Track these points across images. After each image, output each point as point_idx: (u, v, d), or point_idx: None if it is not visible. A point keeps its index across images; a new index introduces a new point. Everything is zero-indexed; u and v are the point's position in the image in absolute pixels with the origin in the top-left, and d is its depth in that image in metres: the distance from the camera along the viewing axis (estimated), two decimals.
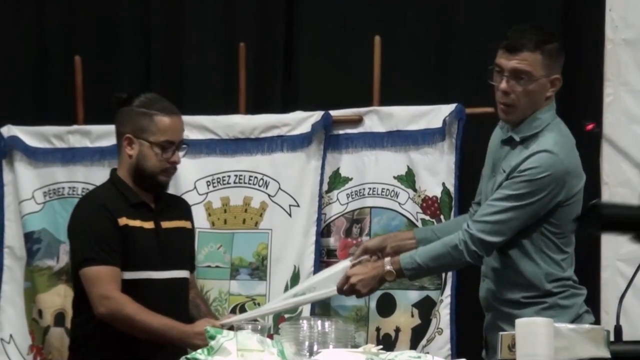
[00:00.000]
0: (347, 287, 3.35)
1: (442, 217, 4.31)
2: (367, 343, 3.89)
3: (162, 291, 3.54)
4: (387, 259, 3.35)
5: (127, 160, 3.59)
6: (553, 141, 3.30)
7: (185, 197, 4.58)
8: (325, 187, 4.52)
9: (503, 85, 3.32)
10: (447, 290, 4.28)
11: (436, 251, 3.33)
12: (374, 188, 4.47)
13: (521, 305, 3.31)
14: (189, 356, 2.93)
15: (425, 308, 4.33)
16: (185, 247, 3.69)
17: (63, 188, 4.77)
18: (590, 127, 3.27)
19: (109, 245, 3.49)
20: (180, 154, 3.64)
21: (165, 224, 3.62)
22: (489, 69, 3.38)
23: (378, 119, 4.48)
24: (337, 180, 4.53)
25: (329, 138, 4.50)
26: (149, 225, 3.57)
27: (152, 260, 3.55)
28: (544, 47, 3.31)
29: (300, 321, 3.08)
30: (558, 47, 3.36)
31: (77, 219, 3.60)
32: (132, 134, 3.57)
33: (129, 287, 3.51)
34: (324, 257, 4.47)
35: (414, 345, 4.28)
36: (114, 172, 3.65)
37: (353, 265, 3.44)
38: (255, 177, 4.59)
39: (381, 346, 2.95)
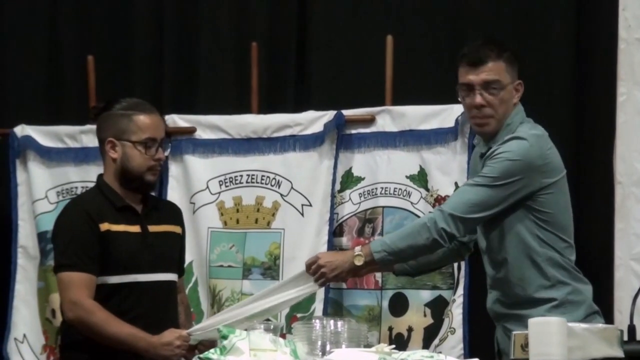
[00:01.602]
0: (314, 267, 3.34)
1: None
2: (379, 343, 3.88)
3: (149, 294, 3.55)
4: (358, 247, 3.36)
5: (112, 165, 3.59)
6: (525, 132, 3.34)
7: (197, 196, 4.61)
8: (337, 186, 4.52)
9: (478, 99, 3.35)
10: (460, 290, 4.28)
11: (405, 232, 3.34)
12: (387, 187, 4.47)
13: (532, 303, 3.30)
14: (201, 356, 2.93)
15: (438, 307, 4.33)
16: (173, 251, 3.68)
17: (76, 188, 4.78)
18: None
19: (85, 252, 3.50)
20: (165, 152, 3.63)
21: (153, 228, 3.61)
22: (457, 89, 3.40)
23: (390, 118, 4.48)
24: (349, 179, 4.53)
25: (342, 137, 4.50)
26: (135, 229, 3.57)
27: (138, 264, 3.55)
28: (504, 54, 3.38)
29: (313, 321, 3.09)
30: (514, 54, 3.42)
31: (58, 223, 3.61)
32: (113, 137, 3.58)
33: (115, 291, 3.52)
34: None
35: (426, 345, 4.28)
36: (100, 177, 3.66)
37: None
38: (268, 177, 4.59)
39: (394, 346, 2.95)
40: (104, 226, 3.52)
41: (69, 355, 3.62)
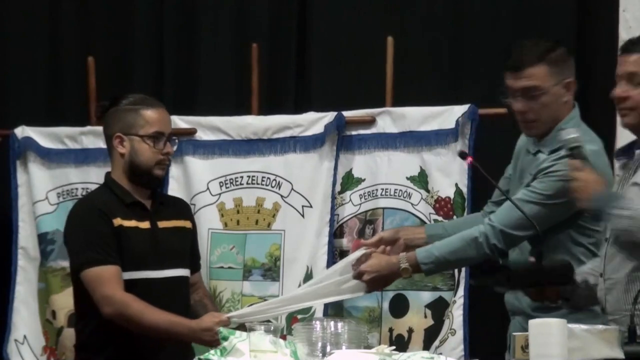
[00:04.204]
0: (360, 278, 3.34)
1: (455, 217, 4.30)
2: (380, 344, 3.89)
3: (160, 290, 3.53)
4: (402, 255, 3.33)
5: (120, 160, 3.59)
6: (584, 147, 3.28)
7: (197, 198, 4.61)
8: (338, 187, 4.51)
9: (517, 106, 3.32)
10: (460, 291, 4.28)
11: (454, 245, 3.31)
12: (387, 189, 4.47)
13: (550, 309, 3.28)
14: (201, 357, 2.93)
15: (438, 309, 4.32)
16: (184, 246, 3.68)
17: (76, 189, 4.78)
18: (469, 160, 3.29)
19: (107, 245, 3.49)
20: (173, 147, 3.63)
21: (162, 224, 3.61)
22: (501, 91, 3.37)
23: (391, 119, 4.48)
24: (349, 181, 4.53)
25: (342, 139, 4.50)
26: (145, 225, 3.57)
27: (148, 260, 3.54)
28: (547, 56, 3.32)
29: (313, 322, 3.08)
30: (563, 52, 3.36)
31: (72, 222, 3.60)
32: (121, 132, 3.57)
33: (126, 288, 3.50)
34: (336, 258, 4.46)
35: (426, 346, 4.27)
36: (107, 175, 3.66)
37: (364, 256, 3.42)
38: (268, 178, 4.59)
39: (394, 347, 2.95)
40: (117, 221, 3.52)
41: (84, 356, 3.61)
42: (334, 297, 3.47)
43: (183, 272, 3.64)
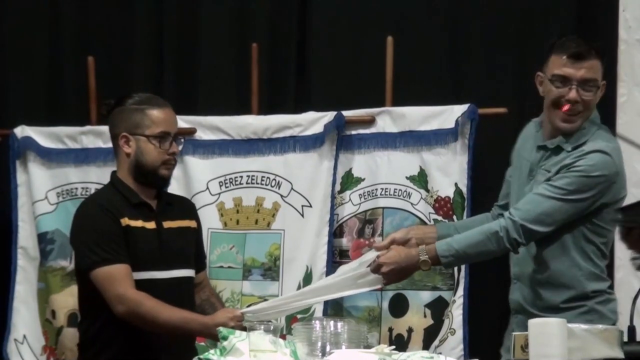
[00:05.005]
0: (378, 270, 3.34)
1: (454, 217, 4.31)
2: (379, 343, 3.89)
3: (165, 291, 3.52)
4: (422, 248, 3.33)
5: (126, 160, 3.58)
6: (605, 144, 3.32)
7: (197, 197, 4.61)
8: (337, 187, 4.52)
9: (573, 94, 3.31)
10: (460, 291, 4.28)
11: (475, 238, 3.31)
12: (387, 188, 4.47)
13: (559, 310, 3.30)
14: (201, 357, 2.93)
15: (438, 308, 4.33)
16: (188, 246, 3.67)
17: (76, 189, 4.78)
18: None
19: (117, 244, 3.48)
20: (179, 147, 3.63)
21: (168, 224, 3.61)
22: (542, 77, 3.38)
23: (390, 119, 4.48)
24: (349, 180, 4.53)
25: (342, 138, 4.50)
26: (151, 225, 3.57)
27: (154, 261, 3.54)
28: (600, 53, 3.37)
29: (313, 322, 3.08)
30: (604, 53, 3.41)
31: (80, 222, 3.59)
32: (127, 131, 3.57)
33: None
34: (336, 258, 4.47)
35: (426, 346, 4.28)
36: (114, 174, 3.65)
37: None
38: (268, 178, 4.59)
39: (394, 346, 2.95)
40: (124, 221, 3.52)
41: (87, 356, 3.60)
42: (351, 291, 3.46)
43: (188, 272, 3.64)
